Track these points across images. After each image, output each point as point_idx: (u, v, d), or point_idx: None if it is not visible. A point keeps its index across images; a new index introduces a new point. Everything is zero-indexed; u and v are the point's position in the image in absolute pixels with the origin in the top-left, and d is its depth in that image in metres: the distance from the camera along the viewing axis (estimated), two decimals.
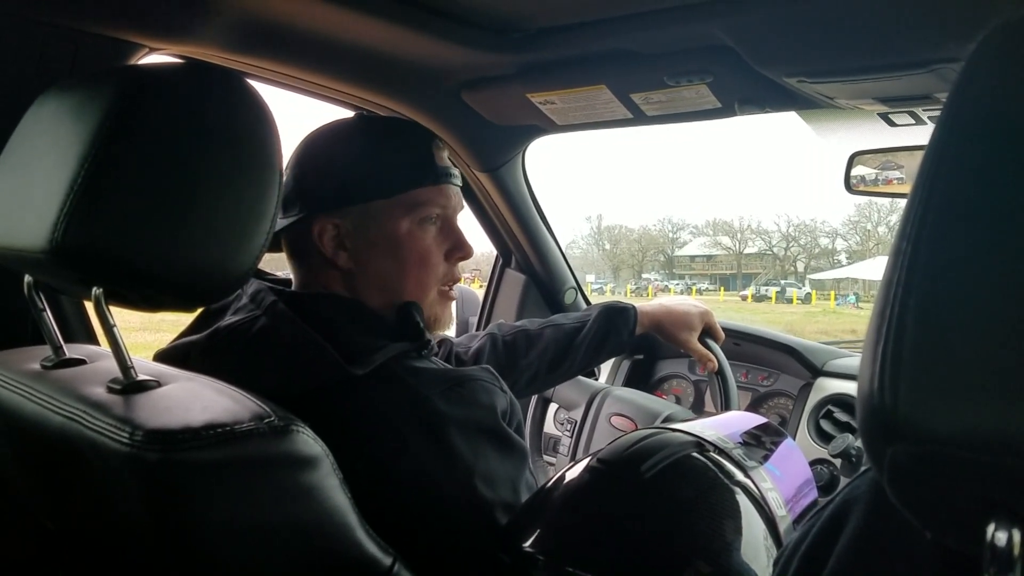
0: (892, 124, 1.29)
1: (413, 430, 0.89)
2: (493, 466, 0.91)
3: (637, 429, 0.98)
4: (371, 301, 1.03)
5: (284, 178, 1.05)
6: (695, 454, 0.89)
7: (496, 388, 0.98)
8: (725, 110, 1.35)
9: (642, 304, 1.47)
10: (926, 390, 0.33)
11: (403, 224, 1.04)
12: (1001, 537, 0.33)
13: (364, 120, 1.14)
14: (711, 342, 1.46)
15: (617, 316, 1.42)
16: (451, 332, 1.97)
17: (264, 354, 0.94)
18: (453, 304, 1.13)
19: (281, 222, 1.03)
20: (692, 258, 55.09)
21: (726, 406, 1.41)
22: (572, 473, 0.91)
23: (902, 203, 0.38)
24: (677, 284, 48.47)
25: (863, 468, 0.49)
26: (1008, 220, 0.34)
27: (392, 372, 0.92)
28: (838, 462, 1.58)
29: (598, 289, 46.01)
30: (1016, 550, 0.33)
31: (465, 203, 1.82)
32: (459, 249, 1.10)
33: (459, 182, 1.11)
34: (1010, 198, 0.34)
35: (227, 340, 0.97)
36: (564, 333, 1.41)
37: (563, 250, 1.98)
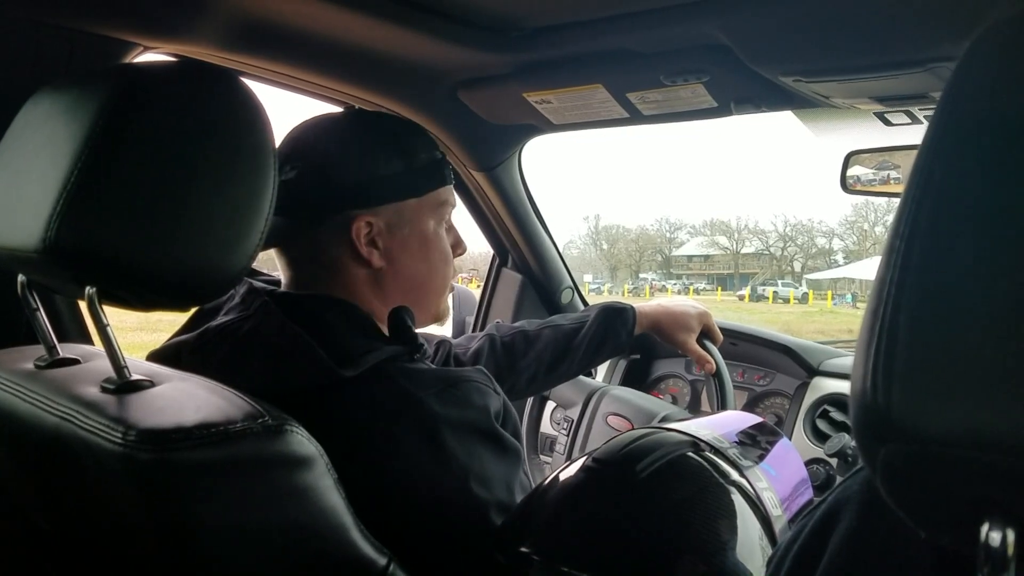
0: (888, 123, 1.29)
1: (407, 431, 0.89)
2: (488, 466, 0.91)
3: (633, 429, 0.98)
4: (388, 300, 1.03)
5: (287, 176, 1.02)
6: (690, 454, 0.89)
7: (490, 389, 0.97)
8: (721, 109, 1.35)
9: (640, 304, 1.46)
10: (919, 389, 0.33)
11: (430, 224, 1.06)
12: (995, 536, 0.33)
13: (370, 115, 1.14)
14: (709, 344, 1.46)
15: (616, 317, 1.42)
16: (448, 333, 1.97)
17: (252, 354, 0.93)
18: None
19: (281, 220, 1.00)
20: (689, 258, 55.16)
21: (722, 408, 1.41)
22: (567, 473, 0.90)
23: (898, 203, 0.38)
24: (674, 284, 48.53)
25: (856, 467, 0.49)
26: (1001, 218, 0.34)
27: (385, 373, 0.91)
28: (834, 461, 1.58)
29: (595, 289, 46.03)
30: (1010, 550, 0.33)
31: (461, 202, 1.84)
32: (459, 246, 1.14)
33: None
34: (1003, 197, 0.34)
35: (216, 340, 0.97)
36: (563, 334, 1.41)
37: (560, 250, 1.98)
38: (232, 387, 0.75)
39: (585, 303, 2.04)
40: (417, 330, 1.04)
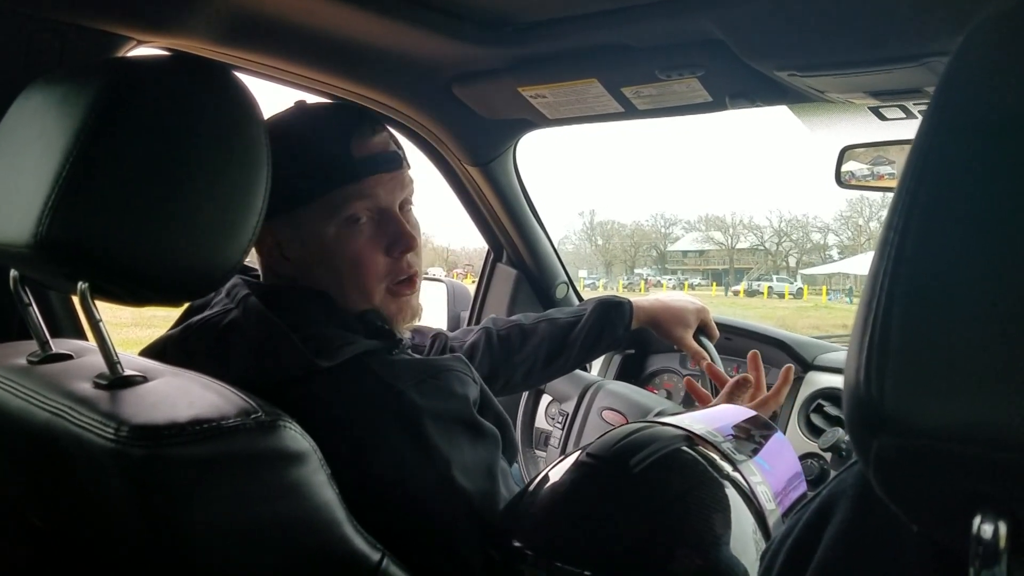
0: (883, 118, 1.29)
1: (389, 423, 0.89)
2: (468, 455, 0.91)
3: (628, 424, 0.98)
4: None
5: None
6: (684, 448, 0.89)
7: (469, 378, 0.97)
8: (716, 104, 1.35)
9: (638, 299, 1.47)
10: (912, 382, 0.33)
11: (329, 229, 0.98)
12: (987, 530, 0.33)
13: (293, 112, 1.05)
14: (705, 340, 1.46)
15: (613, 311, 1.42)
16: (443, 326, 1.97)
17: (231, 345, 0.93)
18: (415, 296, 1.05)
19: None
20: (684, 253, 55.20)
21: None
22: (561, 468, 0.90)
23: (893, 196, 0.38)
24: (670, 279, 48.62)
25: (850, 461, 0.49)
26: (994, 212, 0.34)
27: (363, 365, 0.91)
28: (828, 456, 1.58)
29: (591, 284, 46.07)
30: (1002, 543, 0.33)
31: (456, 197, 1.83)
32: (398, 243, 1.00)
33: (394, 167, 1.01)
34: (996, 190, 0.34)
35: (198, 333, 0.97)
36: (559, 328, 1.41)
37: (555, 245, 1.98)
38: (215, 379, 0.75)
39: (580, 298, 2.04)
40: (415, 323, 1.04)
